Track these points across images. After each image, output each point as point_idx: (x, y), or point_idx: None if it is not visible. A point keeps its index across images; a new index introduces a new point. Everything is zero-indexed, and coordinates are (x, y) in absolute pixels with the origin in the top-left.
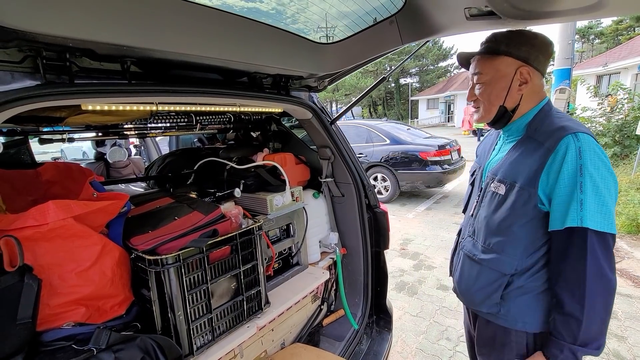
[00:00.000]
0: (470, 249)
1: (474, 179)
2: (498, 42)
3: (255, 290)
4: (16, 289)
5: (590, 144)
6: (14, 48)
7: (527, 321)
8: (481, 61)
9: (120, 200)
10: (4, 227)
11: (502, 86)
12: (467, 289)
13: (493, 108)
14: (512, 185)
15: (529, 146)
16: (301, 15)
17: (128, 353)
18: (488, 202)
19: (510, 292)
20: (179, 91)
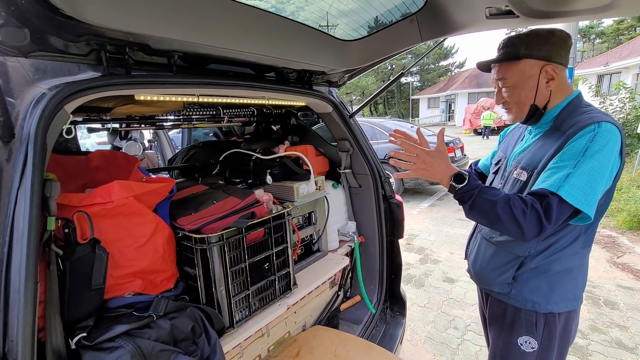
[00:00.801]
0: (488, 232)
1: (498, 168)
2: (516, 46)
3: (285, 271)
4: (90, 259)
5: (609, 132)
6: (83, 42)
7: (537, 301)
8: (503, 67)
9: (169, 184)
10: (75, 203)
11: (530, 86)
12: (482, 269)
13: (525, 108)
14: (533, 172)
15: (553, 136)
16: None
17: (181, 321)
18: (510, 188)
19: (523, 274)
20: (218, 83)
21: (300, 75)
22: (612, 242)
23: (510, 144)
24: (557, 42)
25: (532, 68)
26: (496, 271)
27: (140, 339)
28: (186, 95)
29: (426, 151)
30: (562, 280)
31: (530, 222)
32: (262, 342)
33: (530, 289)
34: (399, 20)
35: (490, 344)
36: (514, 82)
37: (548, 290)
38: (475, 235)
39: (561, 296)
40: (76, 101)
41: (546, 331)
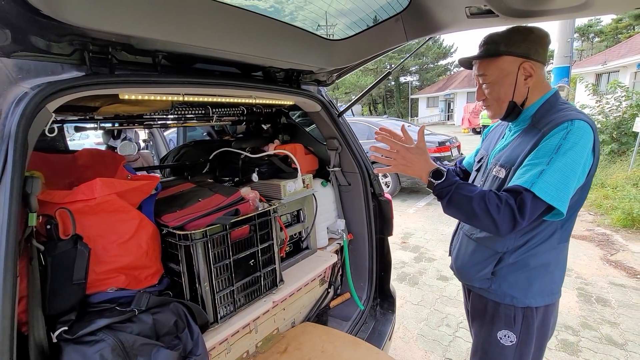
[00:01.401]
0: (468, 229)
1: (480, 166)
2: (496, 43)
3: (271, 267)
4: (71, 254)
5: (581, 130)
6: (66, 42)
7: (515, 296)
8: (483, 63)
9: (153, 181)
10: (58, 200)
11: (508, 83)
12: (463, 265)
13: (503, 104)
14: (511, 169)
15: (530, 134)
16: (315, 14)
17: (164, 315)
18: (489, 185)
19: (501, 269)
20: (203, 83)
21: (287, 74)
22: (606, 239)
23: (492, 141)
24: (536, 39)
25: (511, 65)
26: (476, 267)
27: (122, 332)
28: (171, 95)
29: (406, 147)
30: (539, 275)
31: (504, 218)
32: (250, 338)
33: (509, 284)
34: (385, 19)
35: (473, 339)
36: (493, 79)
37: (526, 285)
38: (458, 232)
39: (539, 291)
40: (58, 100)
41: (524, 325)
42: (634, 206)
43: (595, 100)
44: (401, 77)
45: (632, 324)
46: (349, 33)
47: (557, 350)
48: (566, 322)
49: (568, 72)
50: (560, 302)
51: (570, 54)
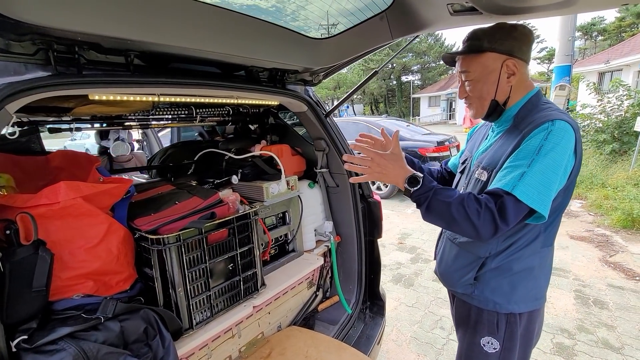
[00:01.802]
0: (451, 233)
1: (464, 167)
2: (480, 39)
3: (252, 271)
4: (31, 261)
5: (562, 130)
6: (28, 41)
7: (498, 302)
8: (466, 60)
9: (124, 184)
10: (20, 204)
11: (491, 81)
12: (446, 270)
13: (485, 103)
14: (492, 172)
15: (512, 134)
16: (299, 13)
17: (132, 323)
18: (472, 188)
19: (484, 274)
20: (179, 83)
21: (271, 74)
22: (605, 240)
23: (476, 142)
24: (519, 36)
25: (494, 62)
26: (459, 272)
27: (85, 341)
28: (145, 95)
29: (380, 154)
30: (523, 280)
31: (485, 222)
32: (232, 343)
33: (491, 289)
34: (370, 17)
35: (458, 345)
36: (476, 76)
37: (509, 290)
38: (442, 236)
39: (522, 296)
40: (19, 101)
41: (508, 332)
42: (635, 207)
43: (597, 100)
44: (403, 76)
45: (629, 327)
46: (334, 32)
47: (552, 354)
48: (562, 325)
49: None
50: (557, 305)
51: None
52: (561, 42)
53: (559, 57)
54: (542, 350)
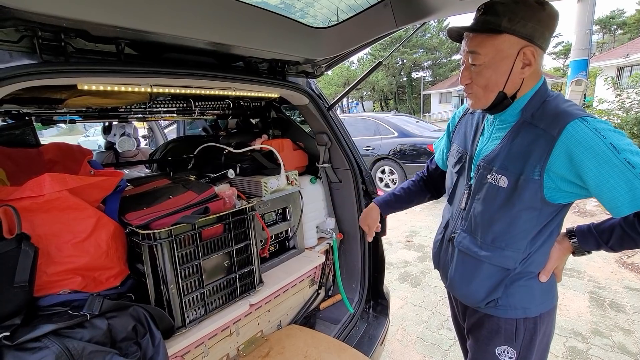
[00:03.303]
0: (467, 246)
1: (461, 167)
2: (499, 15)
3: (248, 269)
4: (14, 255)
5: (602, 122)
6: (11, 27)
7: (527, 307)
8: (478, 39)
9: (114, 177)
10: (3, 197)
11: (503, 70)
12: (466, 287)
13: (490, 95)
14: (517, 177)
15: (529, 133)
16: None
17: (120, 320)
18: (488, 196)
19: (510, 283)
20: (173, 73)
21: (271, 65)
22: None
23: (467, 136)
24: (545, 19)
25: (511, 47)
26: (484, 287)
27: (70, 339)
28: (138, 85)
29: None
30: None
31: None
32: (230, 341)
33: (519, 296)
34: (373, 5)
35: (469, 355)
36: (486, 61)
37: (532, 292)
38: (446, 246)
39: (543, 297)
40: (1, 90)
41: (526, 338)
42: None
43: (615, 95)
44: (413, 72)
45: None
46: (336, 20)
47: (564, 358)
48: (575, 328)
49: (586, 65)
50: (570, 307)
51: (589, 46)
52: (578, 36)
53: (575, 51)
54: (555, 354)
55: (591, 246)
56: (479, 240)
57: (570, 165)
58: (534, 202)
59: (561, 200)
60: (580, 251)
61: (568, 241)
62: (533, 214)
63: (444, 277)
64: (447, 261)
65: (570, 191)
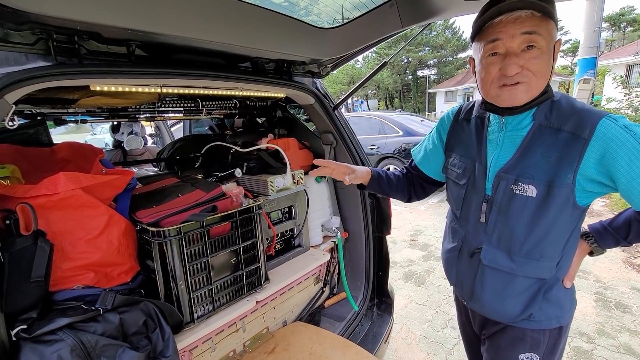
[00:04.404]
0: (497, 261)
1: (468, 179)
2: (547, 1)
3: (255, 266)
4: (30, 251)
5: (627, 120)
6: (27, 31)
7: (560, 315)
8: (536, 20)
9: (125, 176)
10: (20, 195)
11: (550, 59)
12: (495, 303)
13: (541, 84)
14: (547, 185)
15: (551, 137)
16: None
17: (132, 315)
18: (516, 208)
19: (544, 293)
20: (182, 74)
21: (277, 65)
22: None
23: (470, 145)
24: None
25: (555, 36)
26: (517, 302)
27: (84, 332)
28: (148, 86)
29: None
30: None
31: None
32: (236, 337)
33: (553, 306)
34: (379, 5)
35: (486, 358)
36: (544, 44)
37: (565, 300)
38: (466, 262)
39: (572, 301)
40: (19, 91)
41: (550, 344)
42: None
43: (624, 94)
44: (419, 70)
45: None
46: (342, 21)
47: (569, 358)
48: (581, 329)
49: (594, 63)
50: (576, 307)
51: (597, 44)
52: (586, 33)
53: (583, 49)
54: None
55: (610, 244)
56: (511, 254)
57: (600, 165)
58: (566, 208)
59: (586, 201)
60: (598, 251)
61: (585, 242)
62: (566, 220)
63: (466, 294)
64: (468, 278)
65: (593, 191)
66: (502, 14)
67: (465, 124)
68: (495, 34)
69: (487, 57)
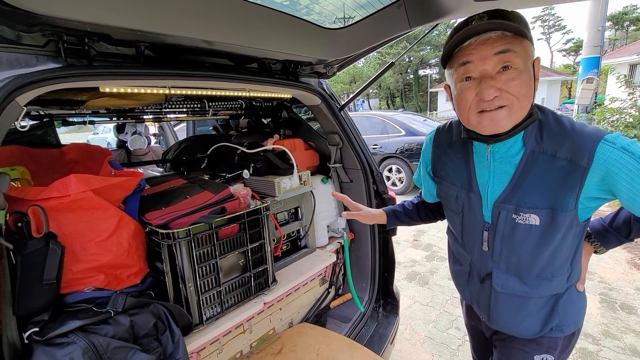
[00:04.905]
0: (510, 287)
1: (463, 207)
2: (514, 21)
3: (263, 267)
4: (42, 253)
5: (624, 139)
6: (38, 32)
7: (577, 320)
8: (507, 38)
9: (135, 178)
10: (32, 197)
11: (530, 79)
12: (517, 325)
13: (526, 106)
14: (550, 212)
15: (547, 164)
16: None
17: (142, 317)
18: (519, 236)
19: (561, 304)
20: (190, 75)
21: (284, 66)
22: (634, 242)
23: (457, 171)
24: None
25: (531, 55)
26: (537, 319)
27: (96, 335)
28: (156, 87)
29: None
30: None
31: None
32: (244, 338)
33: (570, 313)
34: (386, 5)
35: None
36: (521, 63)
37: (579, 304)
38: (478, 286)
39: (584, 303)
40: (30, 93)
41: (564, 345)
42: None
43: (627, 93)
44: (420, 70)
45: None
46: (349, 21)
47: (574, 359)
48: (586, 330)
49: (598, 63)
50: None
51: (600, 44)
52: (590, 33)
53: (587, 49)
54: None
55: (614, 244)
56: (522, 278)
57: (601, 185)
58: (570, 228)
59: (588, 215)
60: (603, 251)
61: (588, 244)
62: (571, 238)
63: (483, 314)
64: (483, 302)
65: (594, 206)
66: (471, 37)
67: (447, 148)
68: (465, 57)
69: (461, 82)
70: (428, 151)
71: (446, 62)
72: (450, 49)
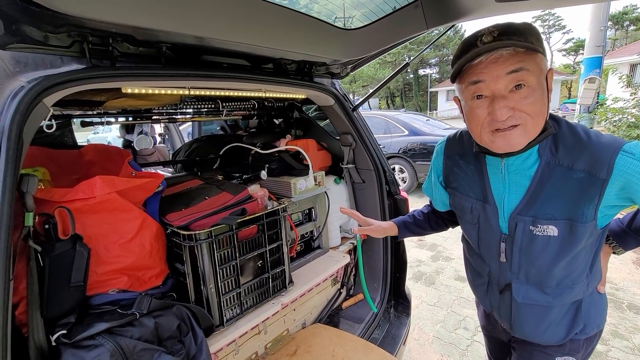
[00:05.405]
0: (529, 296)
1: (479, 219)
2: (523, 34)
3: (280, 269)
4: (70, 255)
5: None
6: (64, 33)
7: (600, 322)
8: (520, 56)
9: (157, 179)
10: (58, 199)
11: (543, 94)
12: (541, 334)
13: (540, 124)
14: (568, 223)
15: (563, 176)
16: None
17: (166, 319)
18: (538, 247)
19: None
20: (210, 76)
21: (299, 66)
22: None
23: (471, 183)
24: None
25: (545, 68)
26: (561, 327)
27: (122, 337)
28: (176, 88)
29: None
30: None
31: None
32: (259, 339)
33: (593, 316)
34: (403, 6)
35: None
36: (535, 80)
37: (601, 306)
38: (498, 296)
39: (605, 304)
40: (56, 94)
41: (585, 346)
42: None
43: (629, 93)
44: (420, 69)
45: None
46: (365, 22)
47: None
48: None
49: (600, 62)
50: None
51: (603, 43)
52: (592, 32)
53: (589, 48)
54: None
55: (633, 246)
56: (542, 287)
57: (621, 193)
58: (590, 237)
59: (607, 221)
60: (620, 252)
61: (607, 245)
62: (590, 246)
63: (506, 324)
64: (504, 312)
65: (613, 213)
66: (481, 54)
67: (459, 160)
68: (476, 76)
69: (472, 101)
70: (439, 161)
71: (455, 78)
72: (459, 67)
